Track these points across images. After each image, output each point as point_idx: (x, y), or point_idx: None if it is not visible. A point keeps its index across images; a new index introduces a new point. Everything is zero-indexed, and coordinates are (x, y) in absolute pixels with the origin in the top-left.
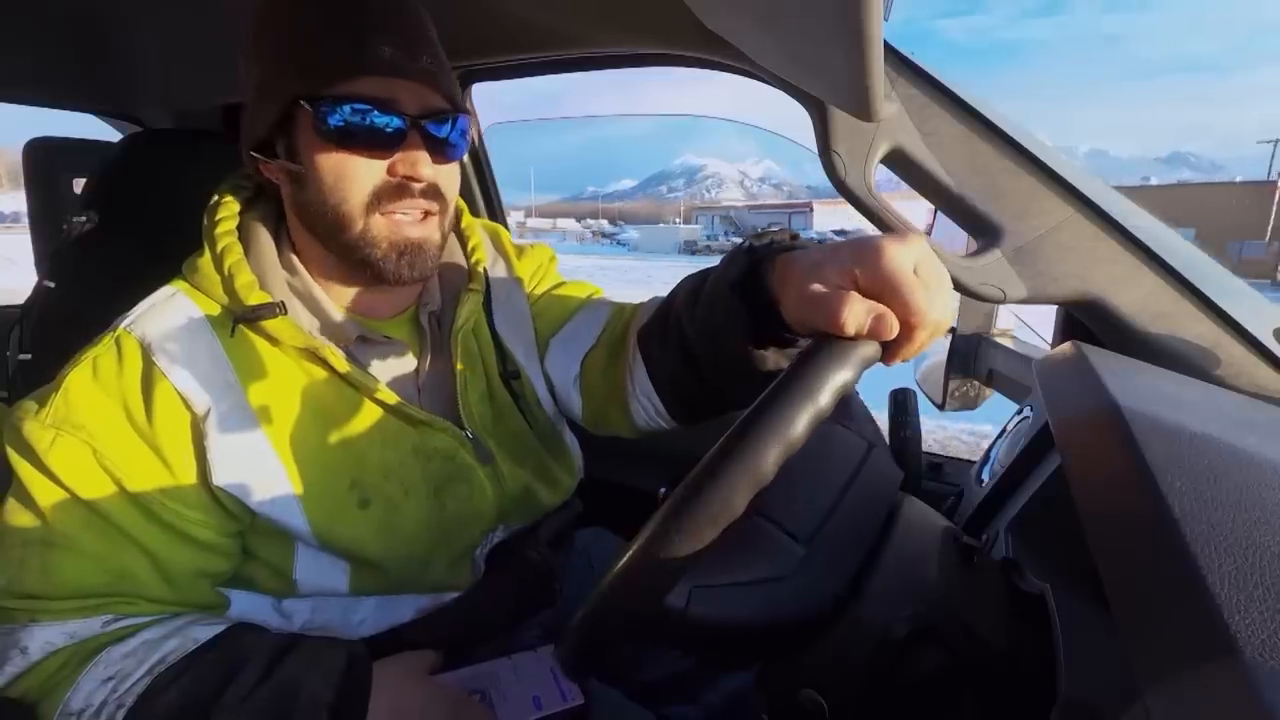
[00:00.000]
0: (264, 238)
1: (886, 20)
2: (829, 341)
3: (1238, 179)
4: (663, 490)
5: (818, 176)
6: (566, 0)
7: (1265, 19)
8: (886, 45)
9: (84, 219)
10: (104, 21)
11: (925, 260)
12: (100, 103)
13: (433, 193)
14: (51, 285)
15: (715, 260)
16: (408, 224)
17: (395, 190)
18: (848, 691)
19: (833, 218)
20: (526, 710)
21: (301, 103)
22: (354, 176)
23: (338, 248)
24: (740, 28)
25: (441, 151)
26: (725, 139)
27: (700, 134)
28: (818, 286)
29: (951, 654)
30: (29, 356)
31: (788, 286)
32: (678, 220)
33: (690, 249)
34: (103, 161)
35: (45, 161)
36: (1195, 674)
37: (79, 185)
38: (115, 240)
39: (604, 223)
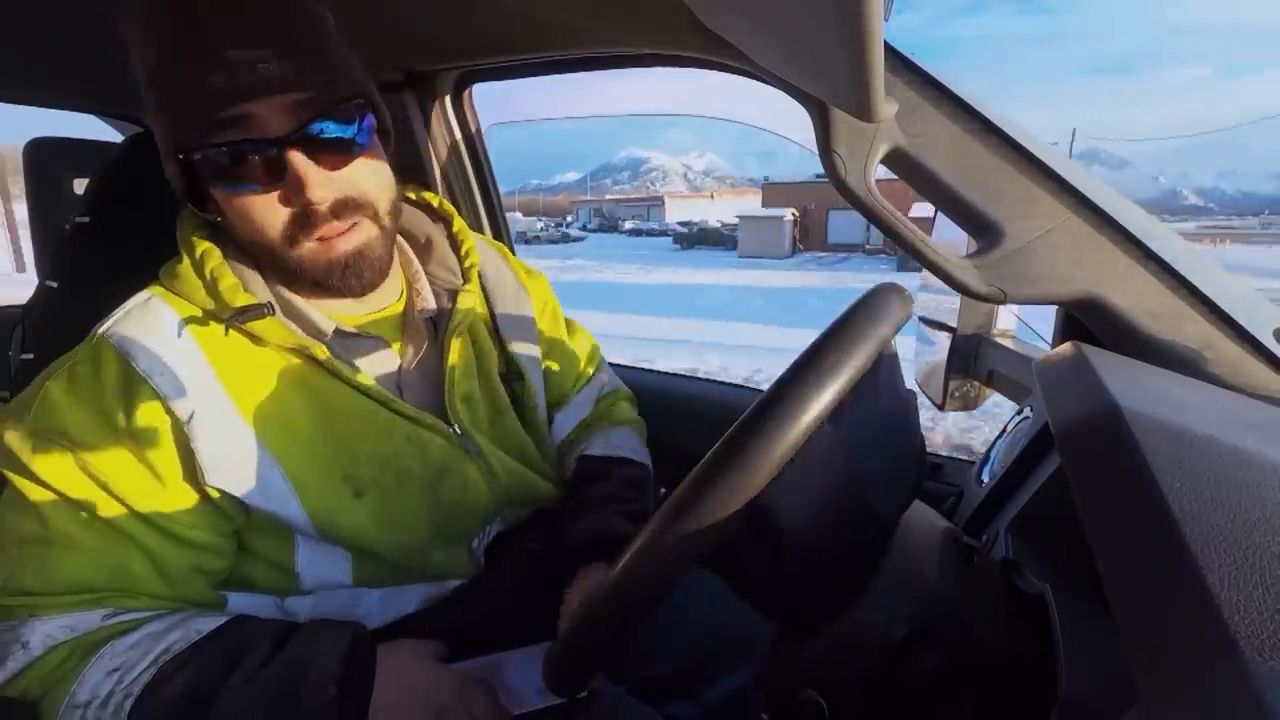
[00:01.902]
0: (235, 247)
1: (887, 20)
2: None
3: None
4: (663, 490)
5: (757, 169)
6: None
7: (1170, 20)
8: (886, 45)
9: (85, 219)
10: (104, 21)
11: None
12: (100, 103)
13: (343, 207)
14: (54, 285)
15: (543, 249)
16: (338, 241)
17: (304, 219)
18: (847, 691)
19: (681, 211)
20: (530, 700)
21: (178, 155)
22: (258, 216)
23: (284, 272)
24: (740, 28)
25: (337, 152)
26: (670, 133)
27: (647, 128)
28: None
29: (951, 654)
30: (31, 356)
31: None
32: (596, 212)
33: (523, 239)
34: (104, 162)
35: (46, 162)
36: (1195, 674)
37: (80, 185)
38: (117, 241)
39: (516, 215)
